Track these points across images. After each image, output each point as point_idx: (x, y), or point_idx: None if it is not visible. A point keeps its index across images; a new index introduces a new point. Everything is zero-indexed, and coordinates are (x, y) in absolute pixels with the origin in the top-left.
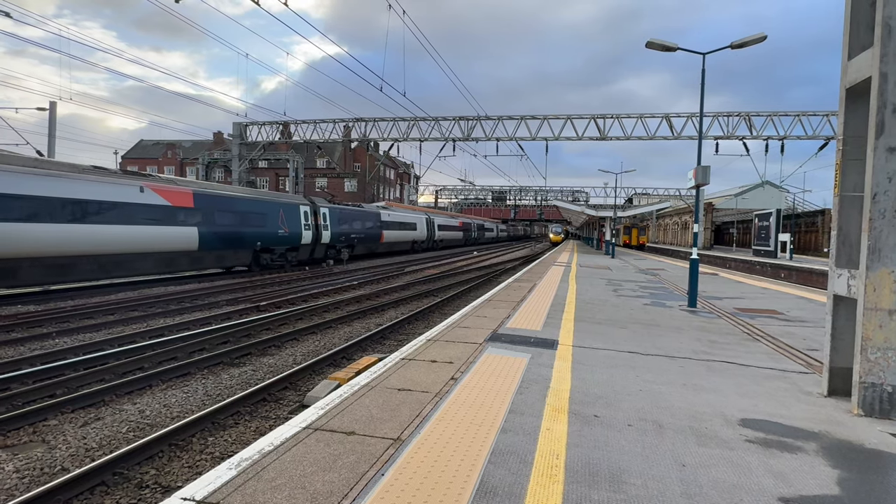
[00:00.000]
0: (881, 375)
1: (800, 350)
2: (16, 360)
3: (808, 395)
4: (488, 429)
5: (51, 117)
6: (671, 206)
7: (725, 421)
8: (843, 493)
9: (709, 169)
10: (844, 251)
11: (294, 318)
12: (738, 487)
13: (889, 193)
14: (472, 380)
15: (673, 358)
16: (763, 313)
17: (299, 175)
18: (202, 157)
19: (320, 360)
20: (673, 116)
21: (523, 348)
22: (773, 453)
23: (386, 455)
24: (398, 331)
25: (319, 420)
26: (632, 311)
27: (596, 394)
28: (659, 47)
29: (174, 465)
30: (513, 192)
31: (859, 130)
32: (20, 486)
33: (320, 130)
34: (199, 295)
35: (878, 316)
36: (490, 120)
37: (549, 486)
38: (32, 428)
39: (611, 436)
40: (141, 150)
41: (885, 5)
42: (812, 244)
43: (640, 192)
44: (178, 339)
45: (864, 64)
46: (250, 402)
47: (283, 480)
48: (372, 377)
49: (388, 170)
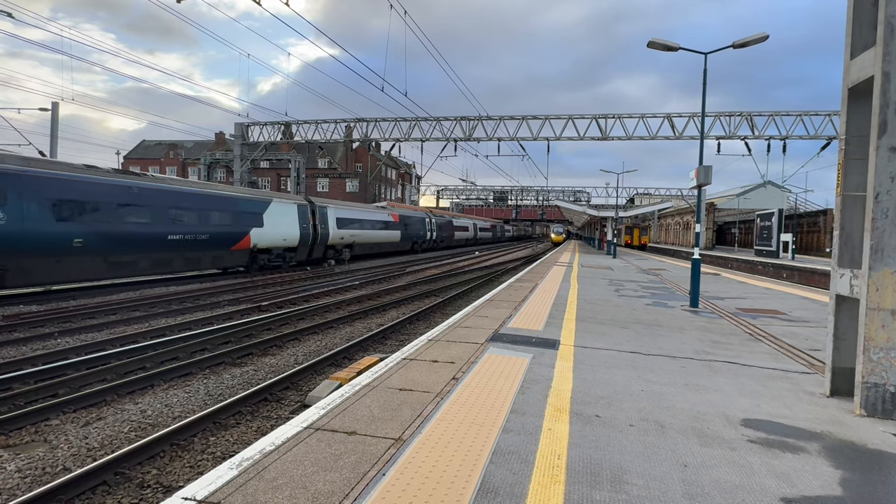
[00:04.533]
0: (884, 376)
1: (802, 350)
2: (18, 359)
3: (810, 395)
4: (490, 429)
5: (53, 118)
6: (673, 207)
7: (727, 421)
8: (845, 493)
9: (711, 169)
10: (847, 251)
11: (295, 318)
12: (741, 488)
13: (892, 193)
14: (473, 380)
15: (675, 358)
16: (765, 313)
17: (301, 175)
18: (204, 157)
19: (322, 360)
20: (675, 116)
21: (525, 348)
22: (776, 454)
23: (387, 455)
24: (400, 331)
25: (321, 420)
26: (634, 312)
27: (598, 394)
28: (661, 47)
29: (176, 464)
30: (514, 192)
31: (862, 130)
32: (22, 485)
33: (322, 130)
34: (201, 295)
35: (881, 316)
36: (491, 120)
37: (551, 486)
38: (34, 428)
39: (612, 436)
40: (143, 150)
41: (887, 4)
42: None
43: (642, 192)
44: (179, 339)
45: (867, 63)
46: (252, 402)
47: (284, 480)
48: (373, 377)
49: (389, 170)
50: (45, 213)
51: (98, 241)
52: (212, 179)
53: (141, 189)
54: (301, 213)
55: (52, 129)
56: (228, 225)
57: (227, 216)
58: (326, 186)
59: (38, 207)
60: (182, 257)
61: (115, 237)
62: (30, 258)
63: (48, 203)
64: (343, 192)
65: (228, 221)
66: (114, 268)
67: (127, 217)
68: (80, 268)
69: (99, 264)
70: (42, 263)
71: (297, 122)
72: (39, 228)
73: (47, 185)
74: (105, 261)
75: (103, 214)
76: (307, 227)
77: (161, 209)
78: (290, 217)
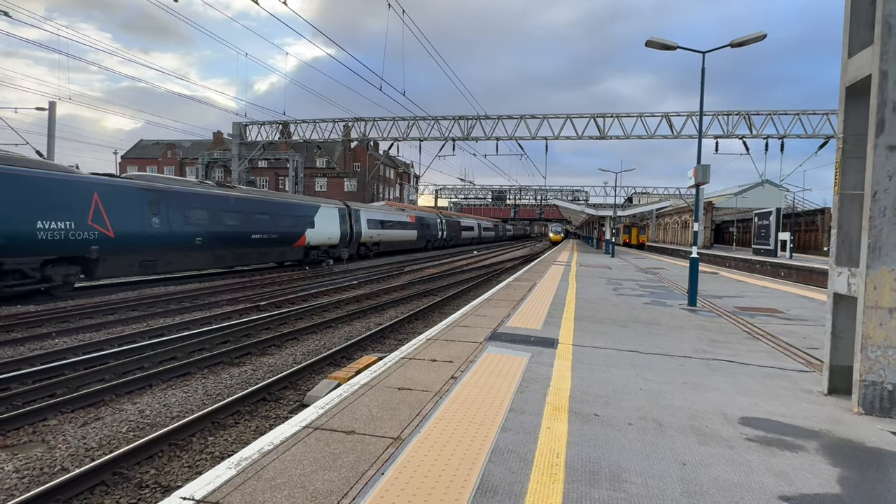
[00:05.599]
0: (881, 374)
1: (800, 348)
2: (16, 360)
3: (808, 393)
4: (488, 428)
5: (50, 117)
6: (671, 206)
7: (726, 419)
8: (843, 491)
9: (709, 168)
10: (845, 249)
11: (294, 318)
12: (739, 486)
13: (889, 192)
14: (472, 379)
15: (673, 357)
16: (763, 312)
17: (299, 175)
18: (202, 157)
19: (320, 360)
20: (673, 115)
21: (523, 347)
22: (774, 452)
23: (386, 454)
24: (398, 330)
25: (319, 419)
26: (632, 310)
27: (596, 392)
28: (659, 46)
29: (174, 464)
30: (512, 191)
31: (859, 128)
32: (20, 485)
33: (320, 130)
34: (199, 295)
35: (879, 314)
36: (489, 119)
37: (550, 484)
38: (32, 428)
39: (611, 434)
40: (140, 150)
41: (885, 3)
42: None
43: (640, 192)
44: (177, 339)
45: (864, 62)
46: (250, 402)
47: (282, 480)
48: (372, 376)
49: (387, 169)
50: (180, 220)
51: (210, 239)
52: (210, 179)
53: (235, 199)
54: (341, 216)
55: (49, 128)
56: (293, 226)
57: (292, 219)
58: (325, 186)
59: (177, 215)
60: (259, 252)
61: (219, 236)
62: (171, 252)
63: (182, 212)
64: (341, 191)
65: (293, 223)
66: (216, 260)
67: (227, 221)
68: (198, 260)
69: (208, 258)
70: (178, 256)
71: (295, 122)
72: (177, 230)
73: (181, 199)
74: (212, 255)
75: (212, 219)
76: (346, 228)
77: (248, 214)
78: (333, 219)
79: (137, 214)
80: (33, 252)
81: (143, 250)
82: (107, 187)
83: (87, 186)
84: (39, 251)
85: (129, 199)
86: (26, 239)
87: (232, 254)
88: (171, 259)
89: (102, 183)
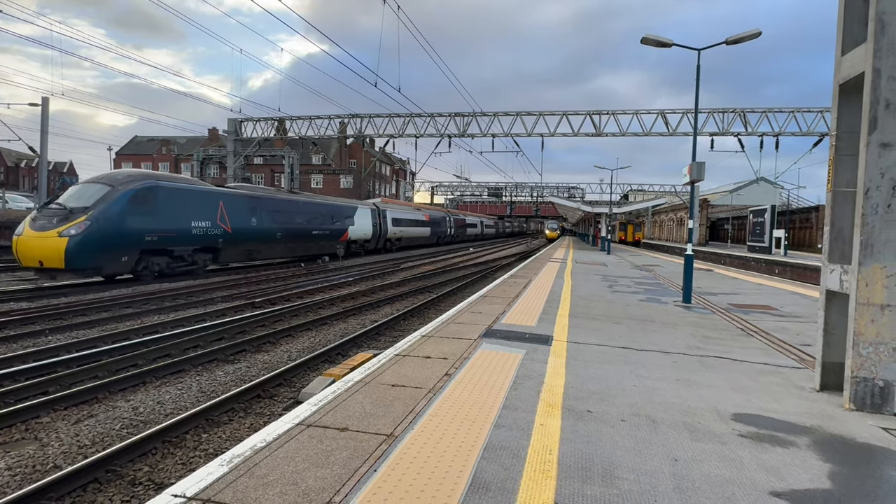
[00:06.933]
0: (873, 370)
1: (793, 345)
2: (8, 357)
3: (800, 389)
4: (482, 424)
5: (43, 113)
6: (666, 203)
7: (718, 416)
8: (834, 486)
9: (704, 165)
10: (837, 247)
11: (289, 315)
12: (731, 482)
13: (881, 189)
14: (466, 375)
15: (667, 353)
16: (757, 309)
17: (295, 171)
18: (197, 153)
19: (315, 357)
20: (668, 113)
21: (518, 344)
22: (766, 448)
23: (379, 451)
24: (393, 327)
25: (312, 416)
26: (627, 307)
27: (590, 389)
28: (654, 43)
29: (168, 462)
30: (508, 188)
31: (852, 126)
32: (12, 483)
33: (315, 126)
34: (194, 292)
35: (870, 311)
36: (486, 116)
37: (542, 481)
38: (25, 425)
39: (604, 431)
40: (135, 146)
41: (878, 0)
42: (806, 240)
43: (636, 189)
44: (172, 336)
45: (858, 59)
46: (245, 399)
47: (275, 477)
48: (366, 373)
49: (383, 166)
50: (269, 219)
51: (286, 234)
52: (205, 176)
53: (302, 202)
54: (373, 214)
55: (42, 124)
56: (340, 224)
57: (340, 218)
58: (320, 183)
59: (266, 216)
60: (316, 244)
61: (292, 232)
62: (263, 244)
63: (269, 213)
64: (337, 188)
65: (340, 222)
66: (288, 251)
67: (296, 219)
68: (278, 250)
69: (283, 249)
70: (266, 247)
71: (290, 118)
72: (267, 227)
73: (269, 203)
74: (286, 246)
75: (287, 218)
76: (377, 225)
77: (311, 214)
78: (367, 217)
79: (244, 216)
80: (190, 243)
81: (247, 242)
82: (227, 196)
83: (216, 196)
84: (192, 242)
85: (239, 204)
86: (187, 234)
87: (301, 246)
88: (261, 249)
89: (224, 193)
